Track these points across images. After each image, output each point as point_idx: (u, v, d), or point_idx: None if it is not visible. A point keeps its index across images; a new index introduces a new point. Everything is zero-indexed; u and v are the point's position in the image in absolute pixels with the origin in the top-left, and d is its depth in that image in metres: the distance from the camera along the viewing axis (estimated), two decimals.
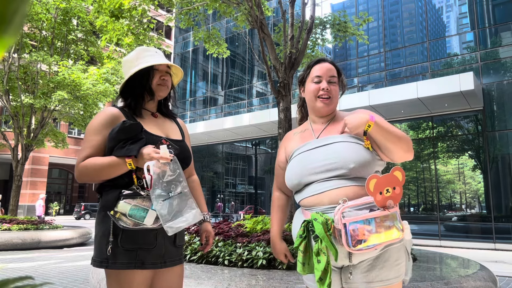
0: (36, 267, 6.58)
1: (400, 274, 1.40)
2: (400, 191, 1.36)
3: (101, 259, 1.50)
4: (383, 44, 15.20)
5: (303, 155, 1.55)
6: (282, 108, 5.71)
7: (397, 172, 1.36)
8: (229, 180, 20.72)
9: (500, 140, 12.23)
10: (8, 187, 27.39)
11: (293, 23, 6.27)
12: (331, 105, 1.59)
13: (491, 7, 13.14)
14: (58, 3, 11.83)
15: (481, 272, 3.22)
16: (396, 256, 1.40)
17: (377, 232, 1.32)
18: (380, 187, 1.33)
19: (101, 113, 1.62)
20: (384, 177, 1.34)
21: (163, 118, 1.78)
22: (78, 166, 1.55)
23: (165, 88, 1.70)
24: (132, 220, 1.45)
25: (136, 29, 6.96)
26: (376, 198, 1.33)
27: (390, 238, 1.33)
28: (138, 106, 1.67)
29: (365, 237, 1.32)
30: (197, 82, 22.98)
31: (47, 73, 12.73)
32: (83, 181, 1.57)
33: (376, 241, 1.32)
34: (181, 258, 1.69)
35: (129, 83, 1.68)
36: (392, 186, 1.35)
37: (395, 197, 1.35)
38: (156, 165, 1.47)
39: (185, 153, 1.71)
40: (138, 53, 1.70)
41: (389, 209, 1.34)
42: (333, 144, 1.50)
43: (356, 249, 1.32)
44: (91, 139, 1.56)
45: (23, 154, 12.10)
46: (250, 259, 3.33)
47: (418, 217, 13.34)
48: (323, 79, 1.59)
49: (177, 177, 1.51)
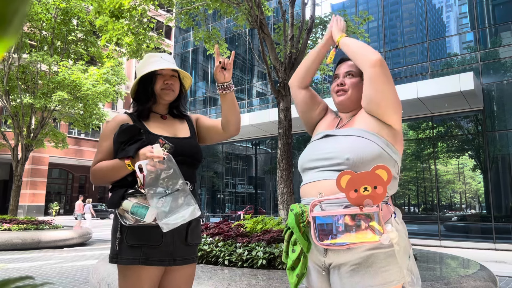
0: (36, 267, 6.58)
1: (388, 281, 1.30)
2: (383, 191, 1.25)
3: (112, 255, 1.59)
4: (383, 44, 15.20)
5: (316, 142, 1.56)
6: (282, 108, 5.71)
7: (380, 171, 1.25)
8: (229, 180, 20.72)
9: (500, 140, 12.23)
10: (8, 187, 27.40)
11: (293, 23, 6.27)
12: (345, 96, 1.58)
13: (491, 7, 13.14)
14: (58, 3, 11.82)
15: (481, 272, 3.22)
16: (384, 262, 1.31)
17: (346, 230, 1.26)
18: (356, 184, 1.25)
19: (112, 120, 1.74)
20: (361, 174, 1.25)
21: (173, 119, 1.84)
22: (91, 171, 1.68)
23: (170, 92, 1.76)
24: (133, 217, 1.51)
25: (135, 29, 6.96)
26: (350, 196, 1.25)
27: (363, 240, 1.25)
28: (144, 110, 1.75)
29: (333, 233, 1.28)
30: (197, 82, 22.98)
31: (47, 73, 12.73)
32: (97, 184, 1.69)
33: (346, 240, 1.26)
34: (194, 257, 1.71)
35: (138, 89, 1.78)
36: (372, 184, 1.25)
37: (376, 197, 1.25)
38: (149, 164, 1.52)
39: (193, 149, 1.76)
40: (145, 59, 1.79)
41: (364, 208, 1.25)
42: (340, 136, 1.48)
43: (323, 244, 1.29)
44: (102, 144, 1.68)
45: (23, 154, 12.10)
46: (250, 259, 3.33)
47: (418, 217, 13.34)
48: (340, 75, 1.62)
49: (173, 175, 1.54)
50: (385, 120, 1.45)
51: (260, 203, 19.27)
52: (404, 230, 1.41)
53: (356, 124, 1.50)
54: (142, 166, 1.52)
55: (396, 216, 1.39)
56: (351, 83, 1.58)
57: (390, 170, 1.26)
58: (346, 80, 1.59)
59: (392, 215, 1.37)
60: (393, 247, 1.31)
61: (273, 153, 18.21)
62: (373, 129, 1.45)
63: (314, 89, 11.65)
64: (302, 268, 1.39)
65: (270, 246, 3.44)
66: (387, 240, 1.24)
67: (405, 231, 1.43)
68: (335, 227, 1.28)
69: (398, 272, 1.32)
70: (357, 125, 1.49)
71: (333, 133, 1.53)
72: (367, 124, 1.47)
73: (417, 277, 1.40)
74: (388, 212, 1.37)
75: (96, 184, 1.69)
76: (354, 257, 1.34)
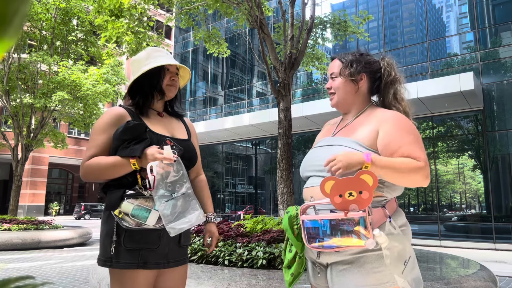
0: (36, 267, 6.58)
1: (380, 282, 1.30)
2: (368, 196, 1.25)
3: (105, 258, 1.50)
4: (383, 44, 15.20)
5: (314, 150, 1.60)
6: (282, 108, 5.71)
7: (365, 176, 1.26)
8: (229, 180, 20.72)
9: (500, 140, 12.23)
10: (8, 187, 27.40)
11: (293, 23, 6.27)
12: (334, 99, 1.59)
13: (491, 7, 13.14)
14: (58, 3, 11.82)
15: (481, 272, 3.22)
16: (376, 263, 1.31)
17: (332, 234, 1.29)
18: (340, 189, 1.27)
19: (107, 113, 1.63)
20: (345, 179, 1.26)
21: (170, 117, 1.79)
22: (83, 165, 1.56)
23: (173, 88, 1.71)
24: (134, 220, 1.45)
25: (135, 28, 6.96)
26: (335, 201, 1.28)
27: (348, 244, 1.27)
28: (145, 106, 1.67)
29: (319, 237, 1.32)
30: (197, 82, 22.98)
31: (47, 73, 12.72)
32: (88, 180, 1.58)
33: (333, 243, 1.29)
34: (185, 258, 1.68)
35: (138, 82, 1.68)
36: (357, 189, 1.26)
37: (361, 202, 1.26)
38: (159, 166, 1.47)
39: (190, 153, 1.71)
40: (149, 53, 1.70)
41: (349, 213, 1.27)
42: (335, 146, 1.49)
43: (311, 246, 1.35)
44: (97, 138, 1.58)
45: (23, 154, 12.10)
46: (250, 259, 3.33)
47: (418, 217, 13.34)
48: (329, 78, 1.63)
49: (181, 178, 1.51)
50: None
51: (260, 203, 19.27)
52: (404, 235, 1.38)
53: (355, 133, 1.49)
54: (153, 168, 1.46)
55: (391, 220, 1.36)
56: (336, 86, 1.58)
57: (376, 176, 1.26)
58: (332, 83, 1.60)
59: (387, 219, 1.35)
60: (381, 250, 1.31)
61: (273, 153, 18.21)
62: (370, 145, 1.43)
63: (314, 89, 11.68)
64: (298, 268, 1.45)
65: (270, 246, 3.44)
66: (372, 245, 1.25)
67: (407, 236, 1.40)
68: (321, 230, 1.32)
69: (390, 275, 1.31)
70: (356, 135, 1.48)
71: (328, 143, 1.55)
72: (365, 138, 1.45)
73: (418, 281, 1.39)
74: (383, 216, 1.35)
75: (86, 180, 1.58)
76: (347, 257, 1.35)
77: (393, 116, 1.46)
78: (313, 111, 13.90)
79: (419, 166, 1.33)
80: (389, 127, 1.42)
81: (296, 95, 17.84)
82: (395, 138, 1.39)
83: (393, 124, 1.42)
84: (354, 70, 1.55)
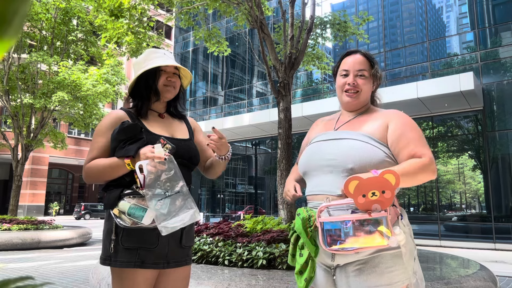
0: (36, 267, 6.58)
1: (393, 282, 1.30)
2: (391, 196, 1.24)
3: (105, 257, 1.53)
4: (383, 44, 15.20)
5: (316, 144, 1.54)
6: (282, 108, 5.71)
7: (388, 175, 1.23)
8: (229, 180, 20.72)
9: (500, 140, 12.23)
10: (8, 187, 27.40)
11: (293, 23, 6.27)
12: (358, 99, 1.53)
13: (491, 7, 13.14)
14: (58, 3, 11.82)
15: (481, 272, 3.22)
16: (390, 262, 1.31)
17: (355, 235, 1.26)
18: (364, 189, 1.24)
19: (107, 116, 1.65)
20: (369, 179, 1.24)
21: (171, 118, 1.79)
22: (84, 168, 1.59)
23: (171, 89, 1.71)
24: (131, 219, 1.46)
25: (135, 28, 6.95)
26: (358, 201, 1.25)
27: (371, 244, 1.25)
28: (143, 107, 1.68)
29: (341, 238, 1.27)
30: (197, 82, 22.98)
31: (47, 73, 12.72)
32: (90, 182, 1.61)
33: (354, 245, 1.25)
34: (187, 259, 1.66)
35: (137, 85, 1.70)
36: (380, 189, 1.23)
37: (384, 202, 1.24)
38: (150, 164, 1.47)
39: (191, 152, 1.71)
40: (147, 55, 1.72)
41: (372, 213, 1.25)
42: (344, 140, 1.45)
43: (331, 249, 1.29)
44: (97, 141, 1.61)
45: (23, 154, 12.10)
46: (250, 259, 3.33)
47: (418, 217, 13.33)
48: (350, 72, 1.53)
49: (174, 176, 1.50)
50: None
51: (260, 203, 19.27)
52: (410, 231, 1.40)
53: (362, 127, 1.48)
54: (143, 167, 1.47)
55: (403, 218, 1.37)
56: (362, 84, 1.53)
57: (398, 175, 1.25)
58: (358, 80, 1.52)
59: (398, 217, 1.36)
60: (399, 248, 1.31)
61: (273, 153, 18.21)
62: (381, 138, 1.44)
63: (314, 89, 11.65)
64: (310, 272, 1.39)
65: (270, 246, 3.44)
66: (395, 243, 1.24)
67: (411, 232, 1.41)
68: (343, 232, 1.28)
69: (403, 273, 1.32)
70: (363, 129, 1.46)
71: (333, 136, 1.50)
72: (375, 131, 1.45)
73: (421, 278, 1.40)
74: (395, 215, 1.36)
75: (89, 182, 1.61)
76: (363, 257, 1.34)
77: (399, 113, 1.51)
78: (313, 111, 13.90)
79: (425, 164, 1.36)
80: (398, 122, 1.46)
81: (296, 95, 17.84)
82: (405, 132, 1.43)
83: (401, 121, 1.47)
84: (376, 71, 1.56)
